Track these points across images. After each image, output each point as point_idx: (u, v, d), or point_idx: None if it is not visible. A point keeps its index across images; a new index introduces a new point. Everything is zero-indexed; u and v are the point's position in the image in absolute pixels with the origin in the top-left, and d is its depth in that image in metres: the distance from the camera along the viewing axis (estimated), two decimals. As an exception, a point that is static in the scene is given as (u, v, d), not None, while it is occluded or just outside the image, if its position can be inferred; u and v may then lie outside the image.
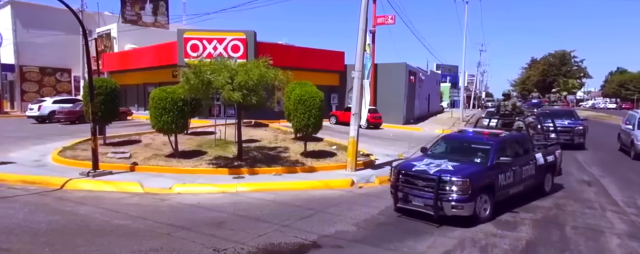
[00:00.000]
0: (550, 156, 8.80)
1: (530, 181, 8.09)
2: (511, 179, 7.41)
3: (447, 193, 6.58)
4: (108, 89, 12.65)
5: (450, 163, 7.10)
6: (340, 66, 27.79)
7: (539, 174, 8.35)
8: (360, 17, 10.89)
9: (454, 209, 6.55)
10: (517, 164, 7.62)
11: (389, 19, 24.69)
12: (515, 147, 8.00)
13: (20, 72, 31.38)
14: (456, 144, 8.21)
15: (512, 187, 7.51)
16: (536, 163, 8.22)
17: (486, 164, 7.09)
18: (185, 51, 22.03)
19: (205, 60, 10.90)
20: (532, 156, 8.24)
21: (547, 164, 8.60)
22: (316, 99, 11.65)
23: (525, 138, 8.73)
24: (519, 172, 7.64)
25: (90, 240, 5.70)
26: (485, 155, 7.26)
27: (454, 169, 6.83)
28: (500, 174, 7.16)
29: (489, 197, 6.95)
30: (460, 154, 7.65)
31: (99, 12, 33.51)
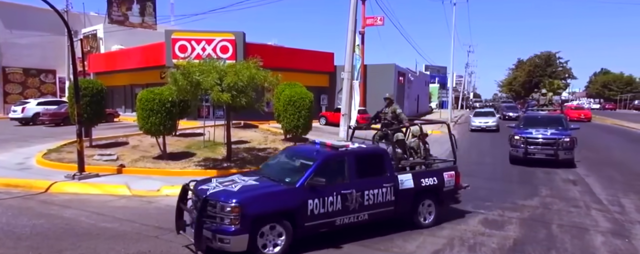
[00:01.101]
0: (431, 178, 6.68)
1: (385, 209, 6.14)
2: (339, 205, 5.66)
3: (213, 220, 5.08)
4: (94, 90, 12.46)
5: (249, 182, 5.70)
6: (330, 67, 27.84)
7: (405, 201, 6.32)
8: (349, 18, 10.93)
9: (219, 242, 4.98)
10: (355, 187, 5.81)
11: (378, 20, 24.84)
12: (358, 165, 5.97)
13: (3, 73, 30.71)
14: (287, 159, 6.53)
15: (341, 216, 5.72)
16: (396, 187, 6.22)
17: (294, 185, 5.50)
18: (173, 52, 21.82)
19: (194, 61, 10.82)
20: (391, 178, 6.22)
21: (421, 189, 6.52)
22: (306, 100, 11.66)
23: (378, 154, 6.44)
24: (357, 197, 5.81)
25: (76, 244, 5.59)
26: (301, 174, 5.65)
27: (236, 190, 5.35)
28: (314, 199, 5.45)
29: (285, 228, 5.28)
30: (284, 171, 6.14)
31: (85, 12, 33.01)
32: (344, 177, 5.89)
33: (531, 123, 13.11)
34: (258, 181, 5.79)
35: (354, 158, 6.04)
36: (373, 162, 6.30)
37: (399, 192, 6.26)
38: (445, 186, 6.85)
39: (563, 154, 11.70)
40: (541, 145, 11.90)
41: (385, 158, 6.39)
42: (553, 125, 12.77)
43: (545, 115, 14.61)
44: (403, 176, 6.44)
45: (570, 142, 11.86)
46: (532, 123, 13.10)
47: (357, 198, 5.87)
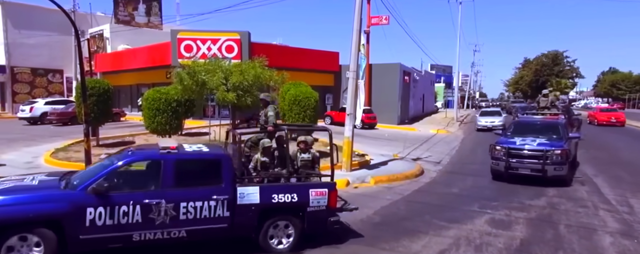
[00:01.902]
0: (288, 194, 5.48)
1: (213, 226, 5.15)
2: (138, 217, 4.82)
3: None
4: (101, 90, 12.56)
5: (33, 181, 5.19)
6: (335, 66, 27.82)
7: (245, 219, 5.27)
8: (354, 17, 10.91)
9: None
10: (167, 197, 4.93)
11: (383, 20, 24.74)
12: (178, 171, 5.10)
13: (12, 73, 31.02)
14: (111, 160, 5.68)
15: (141, 231, 4.87)
16: (232, 201, 5.21)
17: (74, 189, 4.82)
18: (179, 52, 21.91)
19: (199, 60, 10.90)
20: (225, 190, 5.21)
21: (272, 206, 5.42)
22: (311, 99, 11.67)
23: (213, 160, 5.44)
24: (168, 209, 4.92)
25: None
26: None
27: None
28: (97, 207, 4.67)
29: (44, 239, 4.48)
30: (90, 172, 5.33)
31: (92, 12, 33.25)
32: (156, 185, 5.00)
33: (521, 130, 10.83)
34: (44, 181, 5.12)
35: (173, 163, 5.11)
36: (203, 169, 5.39)
37: (236, 207, 5.22)
38: (311, 206, 5.53)
39: (552, 170, 9.25)
40: (526, 158, 9.53)
41: (223, 166, 5.30)
42: (546, 133, 10.38)
43: (539, 121, 11.86)
44: (245, 188, 5.32)
45: (562, 155, 9.34)
46: (521, 130, 10.82)
47: (168, 210, 4.92)
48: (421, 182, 10.33)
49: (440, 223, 6.86)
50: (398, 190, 9.30)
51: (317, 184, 5.89)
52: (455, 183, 10.15)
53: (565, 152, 9.51)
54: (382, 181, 10.06)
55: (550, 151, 9.41)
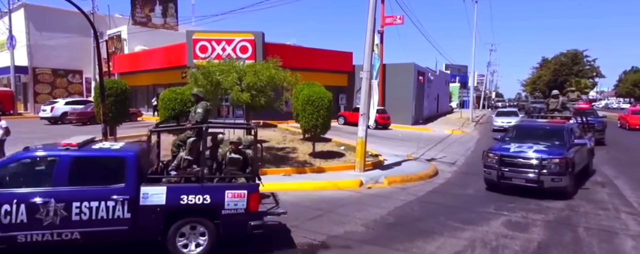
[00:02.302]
0: (200, 195, 5.09)
1: (112, 228, 4.90)
2: (22, 217, 4.66)
3: None
4: (119, 90, 12.79)
5: None
6: (349, 66, 27.76)
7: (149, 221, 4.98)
8: (368, 17, 10.86)
9: None
10: (57, 196, 4.75)
11: (398, 19, 24.57)
12: (73, 169, 4.89)
13: (33, 74, 31.91)
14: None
15: (27, 231, 4.70)
16: (135, 202, 4.94)
17: None
18: (194, 52, 22.17)
19: (214, 61, 11.00)
20: (127, 189, 4.95)
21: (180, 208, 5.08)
22: (324, 99, 11.66)
23: (115, 158, 5.18)
24: (59, 209, 4.72)
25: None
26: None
27: None
28: None
29: None
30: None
31: (110, 14, 33.93)
32: (48, 183, 4.77)
33: (521, 135, 9.76)
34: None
35: (69, 161, 4.88)
36: (105, 168, 5.13)
37: (138, 208, 4.91)
38: (226, 209, 5.11)
39: (550, 181, 8.15)
40: (520, 167, 8.47)
41: (127, 165, 5.01)
42: (548, 139, 9.24)
43: (542, 125, 10.63)
44: (150, 188, 4.99)
45: (561, 165, 8.18)
46: (522, 135, 9.74)
47: (58, 210, 4.65)
48: (435, 183, 10.23)
49: (455, 225, 6.78)
50: (412, 191, 9.23)
51: (235, 185, 5.43)
52: (470, 184, 10.01)
53: (566, 161, 8.29)
54: (396, 182, 10.00)
55: (547, 159, 8.28)
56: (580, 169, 9.65)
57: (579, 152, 9.40)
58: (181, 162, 5.96)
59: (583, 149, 9.86)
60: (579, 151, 9.41)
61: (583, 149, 9.86)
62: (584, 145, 9.90)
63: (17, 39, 30.47)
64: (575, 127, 10.65)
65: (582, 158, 9.83)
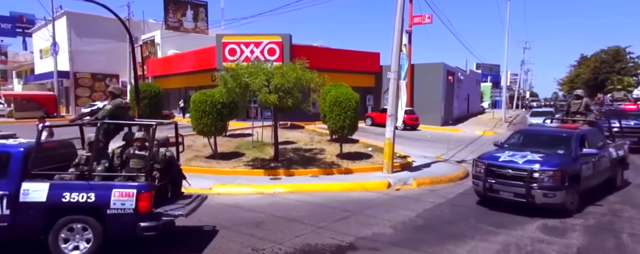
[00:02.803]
0: (85, 193, 4.99)
1: None
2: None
3: None
4: (152, 93, 13.30)
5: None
6: (376, 67, 27.56)
7: (29, 218, 4.95)
8: (395, 17, 10.75)
9: None
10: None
11: (426, 19, 24.18)
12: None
13: (74, 78, 33.65)
14: None
15: None
16: (14, 198, 4.94)
17: None
18: (223, 55, 22.68)
19: (243, 63, 11.20)
20: (7, 185, 4.97)
21: (63, 206, 4.97)
22: (351, 100, 11.62)
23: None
24: None
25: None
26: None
27: None
28: None
29: None
30: None
31: (144, 19, 35.26)
32: None
33: (524, 141, 8.62)
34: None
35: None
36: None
37: (18, 205, 4.83)
38: (112, 208, 4.90)
39: (542, 196, 6.96)
40: (509, 178, 7.28)
41: (12, 160, 5.01)
42: (552, 146, 7.94)
43: (548, 130, 9.16)
44: (32, 185, 4.90)
45: (555, 177, 6.94)
46: (523, 141, 8.60)
47: None
48: (466, 185, 9.94)
49: (487, 228, 6.58)
50: (442, 193, 9.03)
51: (123, 184, 5.14)
52: (503, 187, 9.66)
53: (561, 173, 6.98)
54: (425, 184, 9.82)
55: (539, 170, 7.02)
56: (595, 183, 8.17)
57: (591, 164, 7.84)
58: (80, 159, 5.81)
59: (603, 159, 8.32)
60: (592, 162, 7.86)
61: (603, 160, 8.32)
62: (603, 155, 8.26)
63: (59, 46, 32.23)
64: (594, 133, 8.88)
65: (600, 170, 8.19)
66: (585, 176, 7.67)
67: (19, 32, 49.01)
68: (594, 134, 8.87)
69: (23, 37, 50.18)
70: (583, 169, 7.60)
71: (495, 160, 7.68)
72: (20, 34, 49.34)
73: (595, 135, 8.90)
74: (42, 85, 38.22)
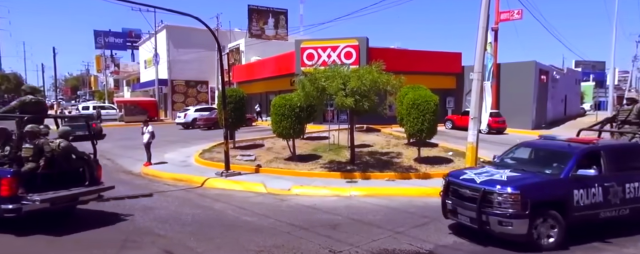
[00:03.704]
0: None
1: None
2: None
3: None
4: (237, 98, 14.21)
5: None
6: (457, 67, 26.23)
7: None
8: (480, 14, 10.13)
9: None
10: None
11: (515, 14, 22.39)
12: None
13: (171, 85, 37.44)
14: None
15: None
16: None
17: None
18: (302, 60, 23.44)
19: (320, 68, 11.46)
20: None
21: None
22: (430, 102, 11.22)
23: None
24: None
25: (224, 233, 6.45)
26: None
27: None
28: None
29: None
30: None
31: (231, 29, 37.96)
32: None
33: (521, 156, 7.22)
34: None
35: None
36: None
37: None
38: None
39: (497, 224, 5.58)
40: (466, 200, 6.06)
41: None
42: (547, 164, 6.46)
43: (553, 144, 7.09)
44: None
45: (513, 202, 5.51)
46: (522, 156, 7.21)
47: None
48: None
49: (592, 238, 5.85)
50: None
51: None
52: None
53: (521, 197, 5.49)
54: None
55: (495, 192, 5.66)
56: (609, 215, 6.14)
57: (597, 189, 5.95)
58: None
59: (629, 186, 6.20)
60: (598, 187, 5.97)
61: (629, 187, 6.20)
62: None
63: (160, 56, 36.19)
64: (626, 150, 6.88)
65: (620, 199, 6.14)
66: (582, 204, 5.87)
67: (128, 45, 56.09)
68: (625, 151, 6.79)
69: (131, 50, 57.36)
70: (576, 195, 5.83)
71: (457, 177, 6.45)
72: (130, 47, 56.41)
73: (628, 153, 6.76)
74: (146, 92, 43.17)
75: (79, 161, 7.08)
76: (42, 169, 6.50)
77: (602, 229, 6.19)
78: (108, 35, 54.00)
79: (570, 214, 5.76)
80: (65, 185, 6.68)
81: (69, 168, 6.89)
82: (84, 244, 5.82)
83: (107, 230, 6.52)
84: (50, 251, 5.65)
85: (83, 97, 74.60)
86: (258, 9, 31.50)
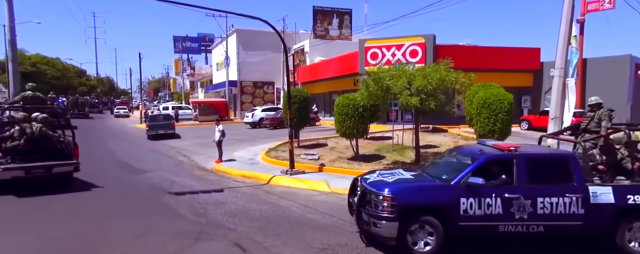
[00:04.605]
0: None
1: None
2: None
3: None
4: (301, 98, 14.53)
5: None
6: (535, 63, 24.24)
7: None
8: (564, 5, 9.27)
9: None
10: None
11: (606, 4, 20.15)
12: None
13: (240, 86, 39.38)
14: None
15: None
16: None
17: None
18: (365, 59, 23.28)
19: (384, 67, 11.29)
20: None
21: None
22: (503, 102, 10.51)
23: None
24: None
25: (290, 229, 6.62)
26: None
27: None
28: None
29: None
30: None
31: (296, 31, 38.93)
32: None
33: (444, 162, 6.85)
34: None
35: None
36: None
37: None
38: None
39: (372, 225, 5.55)
40: (361, 200, 5.97)
41: None
42: (454, 171, 5.88)
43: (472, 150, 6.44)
44: None
45: (384, 204, 5.46)
46: (445, 162, 6.80)
47: None
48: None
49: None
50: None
51: None
52: None
53: (391, 199, 5.40)
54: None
55: (371, 192, 5.70)
56: (513, 230, 5.47)
57: (495, 200, 5.40)
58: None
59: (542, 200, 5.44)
60: (498, 198, 5.41)
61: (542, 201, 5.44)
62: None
63: (230, 59, 38.27)
64: (526, 160, 5.68)
65: (516, 212, 5.42)
66: (471, 214, 5.40)
67: (202, 49, 60.02)
68: (545, 162, 5.84)
69: (205, 54, 61.32)
70: (464, 204, 5.40)
71: (363, 176, 6.54)
72: (203, 51, 60.35)
73: (550, 165, 5.81)
74: (218, 93, 45.90)
75: (58, 143, 9.34)
76: (22, 146, 8.80)
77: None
78: (185, 40, 58.31)
79: (454, 223, 5.41)
80: (44, 160, 8.78)
81: (49, 147, 9.10)
82: (164, 234, 6.33)
83: (184, 222, 7.03)
84: (135, 239, 6.23)
85: (163, 98, 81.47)
86: (323, 10, 31.86)
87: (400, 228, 5.34)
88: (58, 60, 48.80)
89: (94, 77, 68.56)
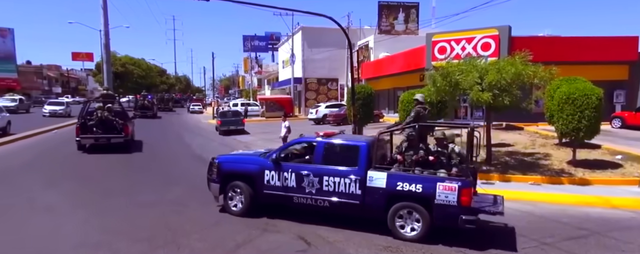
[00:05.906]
0: None
1: None
2: None
3: None
4: (365, 94, 14.45)
5: None
6: (632, 54, 21.47)
7: None
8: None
9: None
10: None
11: None
12: None
13: (305, 83, 40.18)
14: None
15: None
16: None
17: None
18: (432, 54, 22.41)
19: (453, 61, 10.79)
20: None
21: None
22: (591, 97, 9.54)
23: None
24: None
25: (354, 226, 6.63)
26: None
27: None
28: None
29: None
30: None
31: (361, 27, 38.70)
32: None
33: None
34: None
35: None
36: None
37: None
38: None
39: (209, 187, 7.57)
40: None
41: None
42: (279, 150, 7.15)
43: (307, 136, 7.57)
44: None
45: (214, 170, 7.29)
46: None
47: None
48: None
49: None
50: None
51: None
52: None
53: (217, 165, 7.26)
54: None
55: (212, 161, 7.59)
56: (302, 202, 6.69)
57: (288, 174, 6.73)
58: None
59: (314, 178, 6.46)
60: (289, 173, 6.71)
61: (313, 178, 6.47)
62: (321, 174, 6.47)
63: (295, 56, 39.19)
64: (321, 145, 6.68)
65: (306, 187, 6.59)
66: (273, 184, 6.85)
67: (270, 47, 62.23)
68: (335, 147, 6.71)
69: (272, 52, 63.50)
70: (267, 175, 6.85)
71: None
72: (270, 49, 62.55)
73: (338, 150, 6.71)
74: (283, 90, 47.30)
75: (117, 124, 13.97)
76: (95, 125, 13.78)
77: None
78: (254, 39, 60.81)
79: (259, 190, 6.85)
80: (106, 134, 13.71)
81: (110, 126, 13.86)
82: (234, 224, 6.69)
83: (254, 214, 7.38)
84: (208, 228, 6.67)
85: (233, 95, 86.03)
86: (388, 4, 31.30)
87: (221, 189, 7.03)
88: (143, 61, 53.74)
89: (173, 76, 74.48)
